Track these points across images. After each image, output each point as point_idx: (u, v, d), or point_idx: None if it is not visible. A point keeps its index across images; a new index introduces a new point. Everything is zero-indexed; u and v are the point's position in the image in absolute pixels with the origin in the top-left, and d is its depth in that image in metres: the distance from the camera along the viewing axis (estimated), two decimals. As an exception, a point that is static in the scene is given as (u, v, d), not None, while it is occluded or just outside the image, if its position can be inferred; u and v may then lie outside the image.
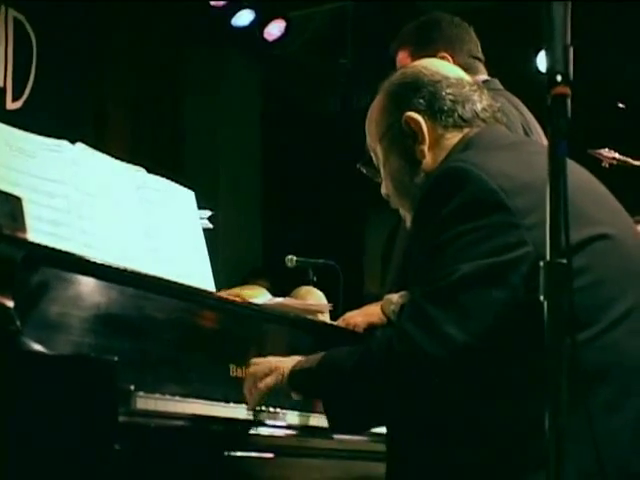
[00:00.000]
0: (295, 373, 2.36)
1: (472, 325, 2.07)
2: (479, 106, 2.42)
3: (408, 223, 2.48)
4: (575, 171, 2.27)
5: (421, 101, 2.41)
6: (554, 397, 1.64)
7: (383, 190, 2.54)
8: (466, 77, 2.49)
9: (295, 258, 5.40)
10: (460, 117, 2.40)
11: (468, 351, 2.07)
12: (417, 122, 2.41)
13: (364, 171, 2.80)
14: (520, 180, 2.18)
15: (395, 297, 3.12)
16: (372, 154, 2.55)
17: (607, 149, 4.62)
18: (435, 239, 2.16)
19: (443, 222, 2.16)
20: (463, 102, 2.41)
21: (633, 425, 2.08)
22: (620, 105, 8.33)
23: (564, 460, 1.61)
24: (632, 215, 4.14)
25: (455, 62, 3.63)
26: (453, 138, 2.40)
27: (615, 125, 7.65)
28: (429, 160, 2.41)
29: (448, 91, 2.42)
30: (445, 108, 2.40)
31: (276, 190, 8.80)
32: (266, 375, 2.42)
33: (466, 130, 2.40)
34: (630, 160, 4.63)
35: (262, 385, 2.41)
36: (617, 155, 4.62)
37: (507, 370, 2.10)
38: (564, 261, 1.70)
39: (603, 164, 4.59)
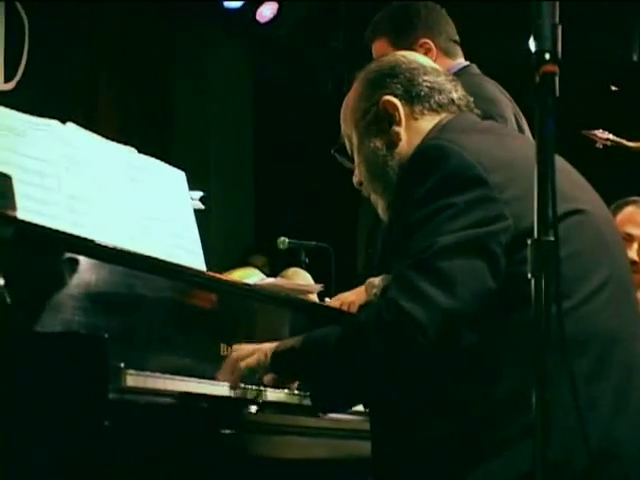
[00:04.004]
0: (278, 353, 2.33)
1: (457, 291, 2.10)
2: (455, 95, 2.46)
3: (379, 209, 2.49)
4: None
5: (398, 86, 2.45)
6: (540, 370, 1.66)
7: (355, 178, 2.56)
8: (441, 69, 2.53)
9: (287, 240, 5.40)
10: (436, 103, 2.44)
11: (456, 316, 2.10)
12: (394, 105, 2.44)
13: (337, 157, 2.80)
14: (496, 157, 2.22)
15: (377, 280, 3.13)
16: (346, 141, 2.57)
17: (601, 130, 4.62)
18: (416, 215, 2.18)
19: (423, 198, 2.19)
20: (439, 89, 2.45)
21: (612, 394, 2.11)
22: (613, 87, 8.33)
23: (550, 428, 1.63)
24: (626, 196, 4.15)
25: (436, 47, 3.62)
26: (429, 123, 2.43)
27: (608, 108, 7.64)
28: (404, 143, 2.43)
29: (425, 78, 2.45)
30: (422, 94, 2.44)
31: (268, 172, 8.79)
32: (248, 356, 2.39)
33: (442, 115, 2.43)
34: (624, 141, 4.63)
35: (243, 364, 2.37)
36: (611, 136, 4.62)
37: (491, 339, 2.13)
38: (551, 238, 1.71)
39: (597, 145, 4.59)
